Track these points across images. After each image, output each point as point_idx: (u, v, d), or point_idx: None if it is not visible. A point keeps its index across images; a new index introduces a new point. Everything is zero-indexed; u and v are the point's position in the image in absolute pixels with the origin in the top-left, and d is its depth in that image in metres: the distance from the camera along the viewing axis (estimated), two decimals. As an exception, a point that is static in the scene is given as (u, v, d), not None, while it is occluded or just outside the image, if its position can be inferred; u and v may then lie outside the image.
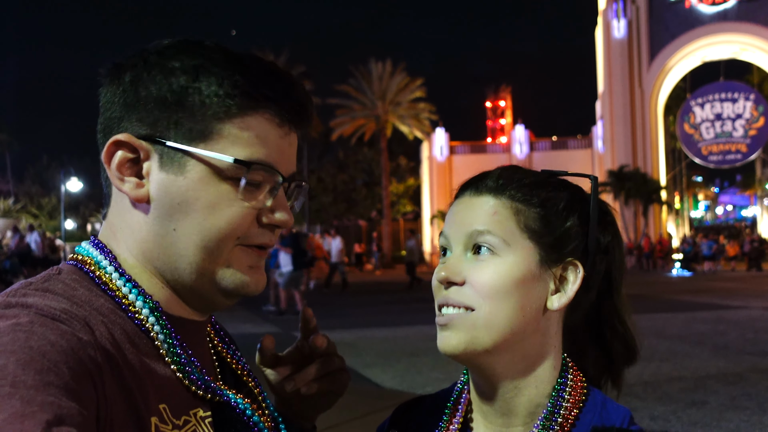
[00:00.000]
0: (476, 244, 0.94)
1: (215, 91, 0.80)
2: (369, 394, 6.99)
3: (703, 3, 38.60)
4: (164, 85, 0.80)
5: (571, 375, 0.99)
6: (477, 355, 0.93)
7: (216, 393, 0.85)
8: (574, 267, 0.96)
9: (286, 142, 0.86)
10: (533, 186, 0.97)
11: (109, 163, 0.82)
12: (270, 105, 0.83)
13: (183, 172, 0.81)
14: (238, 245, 0.84)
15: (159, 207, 0.82)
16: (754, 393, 6.69)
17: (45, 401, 0.60)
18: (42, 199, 50.06)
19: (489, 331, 0.92)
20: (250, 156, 0.81)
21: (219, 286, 0.84)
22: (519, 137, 41.85)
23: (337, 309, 15.16)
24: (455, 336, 0.93)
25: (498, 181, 0.97)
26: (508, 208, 0.95)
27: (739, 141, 40.01)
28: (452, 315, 0.94)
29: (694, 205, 73.17)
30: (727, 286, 20.95)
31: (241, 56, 0.84)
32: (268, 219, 0.85)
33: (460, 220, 0.97)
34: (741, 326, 11.50)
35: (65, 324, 0.70)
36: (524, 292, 0.93)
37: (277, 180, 0.85)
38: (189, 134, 0.81)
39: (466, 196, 0.99)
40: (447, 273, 0.94)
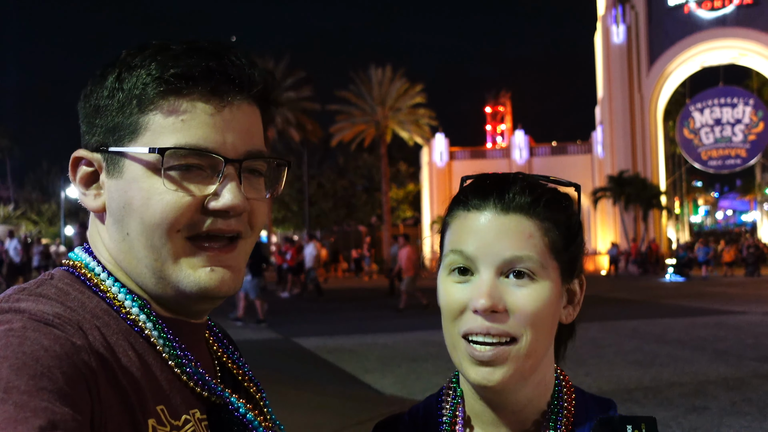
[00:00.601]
0: (513, 269, 0.90)
1: (134, 83, 0.79)
2: (369, 399, 6.98)
3: (701, 8, 38.67)
4: (98, 93, 0.82)
5: (562, 376, 1.01)
6: (516, 382, 0.91)
7: (214, 392, 0.84)
8: (579, 280, 0.98)
9: (223, 117, 0.80)
10: (557, 201, 0.96)
11: (74, 179, 0.85)
12: (188, 85, 0.79)
13: (122, 175, 0.81)
14: (187, 240, 0.80)
15: (112, 214, 0.83)
16: (755, 398, 6.68)
17: (38, 406, 0.60)
18: (42, 205, 50.04)
19: (530, 359, 0.90)
20: (174, 142, 0.78)
21: (178, 289, 0.82)
22: (519, 142, 41.86)
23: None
24: (500, 371, 0.89)
25: (524, 198, 0.92)
26: (540, 230, 0.92)
27: (739, 146, 40.02)
28: (495, 352, 0.89)
29: (694, 210, 73.12)
30: (726, 291, 20.92)
31: (166, 46, 0.82)
32: (213, 206, 0.80)
33: (491, 243, 0.90)
34: (741, 331, 11.48)
35: (58, 329, 0.70)
36: (555, 312, 0.93)
37: (218, 161, 0.80)
38: (123, 134, 0.80)
39: (488, 211, 0.92)
40: (491, 301, 0.88)
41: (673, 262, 28.84)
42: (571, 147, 42.07)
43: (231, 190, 0.80)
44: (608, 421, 0.90)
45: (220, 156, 0.80)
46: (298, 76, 41.22)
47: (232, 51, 0.82)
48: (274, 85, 0.87)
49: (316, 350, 10.17)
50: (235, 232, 0.83)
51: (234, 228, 0.82)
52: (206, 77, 0.79)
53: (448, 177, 41.56)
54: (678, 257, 29.44)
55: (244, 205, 0.82)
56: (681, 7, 38.99)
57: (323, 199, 47.32)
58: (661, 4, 39.27)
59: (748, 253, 29.18)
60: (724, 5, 38.32)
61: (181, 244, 0.80)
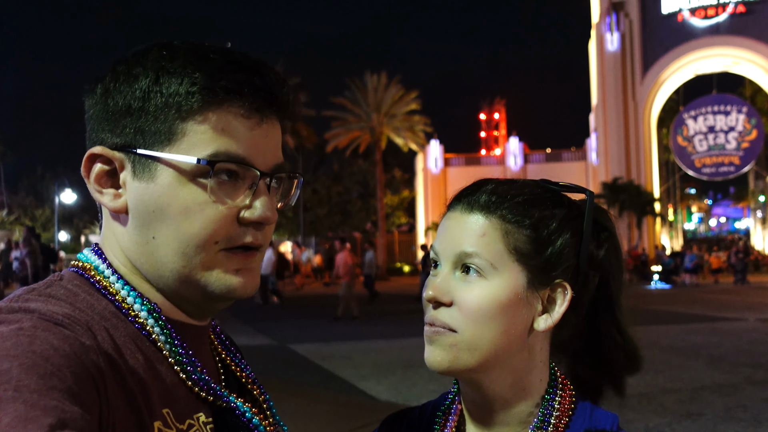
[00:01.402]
0: (464, 264, 0.94)
1: (175, 90, 0.79)
2: (364, 406, 6.96)
3: (695, 17, 38.92)
4: (129, 93, 0.80)
5: (560, 386, 1.00)
6: (461, 372, 0.95)
7: (219, 396, 0.84)
8: (562, 289, 0.95)
9: (260, 133, 0.82)
10: (527, 204, 0.95)
11: (88, 176, 0.83)
12: (232, 97, 0.80)
13: (154, 179, 0.80)
14: (221, 250, 0.82)
15: (136, 216, 0.82)
16: (750, 405, 6.69)
17: (48, 405, 0.60)
18: (36, 210, 49.88)
19: (472, 353, 0.92)
20: (216, 153, 0.79)
21: (205, 291, 0.83)
22: (513, 149, 41.98)
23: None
24: (439, 353, 0.94)
25: (491, 198, 0.95)
26: (497, 230, 0.93)
27: (732, 153, 40.23)
28: (437, 331, 0.94)
29: (687, 217, 73.42)
30: (719, 297, 20.99)
31: (205, 51, 0.82)
32: (248, 217, 0.82)
33: (450, 238, 0.96)
34: (735, 338, 11.51)
35: (68, 329, 0.70)
36: (509, 315, 0.93)
37: (254, 175, 0.82)
38: (156, 139, 0.80)
39: (457, 210, 0.97)
40: (435, 293, 0.94)
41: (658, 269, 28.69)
42: (565, 154, 42.20)
43: (265, 202, 0.83)
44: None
45: (257, 169, 0.82)
46: (293, 81, 41.09)
47: (267, 67, 0.84)
48: (296, 102, 0.89)
49: (310, 356, 10.15)
50: (263, 242, 0.85)
51: (260, 240, 0.85)
52: (253, 94, 0.81)
53: (443, 183, 41.64)
54: (663, 264, 29.20)
55: (275, 216, 0.85)
56: (675, 15, 39.24)
57: (318, 205, 47.33)
58: (655, 12, 39.51)
59: (737, 259, 28.40)
60: (717, 14, 38.59)
61: (215, 254, 0.81)
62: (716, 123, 40.40)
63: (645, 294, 23.53)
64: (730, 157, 40.30)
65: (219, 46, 0.84)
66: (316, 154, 48.77)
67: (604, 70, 39.55)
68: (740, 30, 38.15)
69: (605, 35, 39.50)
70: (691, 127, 40.94)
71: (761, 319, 14.51)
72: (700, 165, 40.98)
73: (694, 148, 40.89)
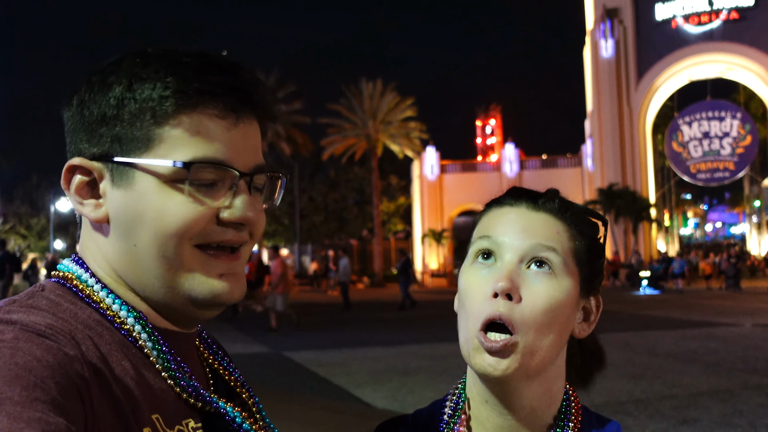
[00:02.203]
0: (538, 258, 0.92)
1: (149, 95, 0.79)
2: (360, 414, 6.94)
3: (689, 23, 39.12)
4: (103, 102, 0.81)
5: (571, 392, 1.02)
6: (519, 379, 0.91)
7: (208, 402, 0.84)
8: (596, 300, 1.00)
9: (237, 133, 0.82)
10: (585, 214, 0.99)
11: (68, 188, 0.83)
12: (206, 99, 0.80)
13: (132, 186, 0.80)
14: (198, 249, 0.81)
15: (117, 225, 0.82)
16: (746, 410, 6.69)
17: (32, 417, 0.60)
18: (31, 219, 49.75)
19: (535, 358, 0.90)
20: (193, 156, 0.79)
21: (190, 298, 0.82)
22: (509, 156, 42.04)
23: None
24: (506, 361, 0.89)
25: (555, 204, 0.97)
26: (567, 231, 0.95)
27: (727, 159, 40.36)
28: (507, 341, 0.89)
29: (683, 223, 73.55)
30: (714, 303, 21.01)
31: (178, 56, 0.82)
32: (227, 217, 0.82)
33: (521, 229, 0.93)
34: (732, 343, 11.52)
35: (51, 339, 0.70)
36: (567, 318, 0.94)
37: (233, 175, 0.82)
38: (132, 146, 0.80)
39: (522, 207, 0.96)
40: (509, 284, 0.89)
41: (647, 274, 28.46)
42: (561, 160, 42.28)
43: (245, 202, 0.82)
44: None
45: (236, 170, 0.81)
46: (288, 89, 41.30)
47: (243, 67, 0.84)
48: (273, 102, 0.90)
49: (306, 364, 10.12)
50: (244, 242, 0.85)
51: (242, 238, 0.84)
52: (226, 94, 0.81)
53: (439, 190, 41.66)
54: (652, 270, 28.85)
55: (256, 216, 0.84)
56: (669, 21, 39.43)
57: (314, 212, 47.29)
58: (649, 19, 39.70)
59: (729, 264, 27.54)
60: (711, 20, 38.79)
61: (191, 253, 0.81)
62: (711, 129, 40.55)
63: (638, 300, 23.55)
64: (725, 162, 40.44)
65: (194, 50, 0.84)
66: (312, 162, 48.77)
67: (599, 77, 39.69)
68: (734, 36, 38.35)
69: (600, 42, 39.66)
70: (685, 133, 41.08)
71: (757, 324, 14.53)
72: (696, 171, 41.11)
73: (689, 154, 41.02)
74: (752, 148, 40.07)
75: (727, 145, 40.22)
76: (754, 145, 40.08)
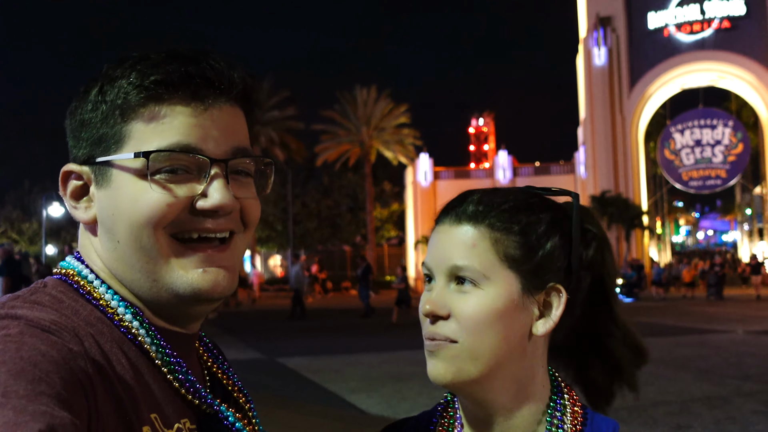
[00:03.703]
0: (458, 276, 0.94)
1: (115, 94, 0.81)
2: (354, 420, 6.92)
3: (681, 32, 39.37)
4: (84, 107, 0.83)
5: (564, 391, 1.01)
6: (465, 385, 0.94)
7: (205, 401, 0.84)
8: (557, 292, 0.96)
9: (204, 119, 0.81)
10: (514, 210, 0.96)
11: (65, 193, 0.86)
12: (168, 90, 0.80)
13: (110, 184, 0.82)
14: (175, 239, 0.81)
15: (103, 224, 0.84)
16: (738, 417, 6.71)
17: (37, 411, 0.60)
18: (23, 224, 49.48)
19: (474, 363, 0.92)
20: (157, 146, 0.79)
21: (173, 291, 0.82)
22: (502, 163, 42.13)
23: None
24: (442, 366, 0.94)
25: (477, 207, 0.96)
26: (486, 239, 0.94)
27: (719, 167, 40.56)
28: (438, 344, 0.94)
29: (675, 230, 73.80)
30: (706, 310, 21.07)
31: (147, 53, 0.83)
32: (202, 205, 0.81)
33: (441, 252, 0.96)
34: (724, 350, 11.56)
35: (55, 335, 0.70)
36: (507, 322, 0.93)
37: (203, 162, 0.81)
38: (107, 145, 0.82)
39: (446, 223, 0.97)
40: (432, 307, 0.94)
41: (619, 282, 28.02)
42: (554, 167, 42.40)
43: (218, 189, 0.81)
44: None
45: (206, 156, 0.81)
46: (282, 95, 41.30)
47: (210, 55, 0.84)
48: (255, 86, 0.88)
49: (300, 369, 10.09)
50: (225, 231, 0.84)
51: (224, 227, 0.83)
52: (185, 82, 0.81)
53: (433, 197, 41.70)
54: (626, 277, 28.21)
55: (232, 203, 0.82)
56: (661, 30, 39.67)
57: (307, 218, 47.21)
58: (641, 28, 39.94)
59: (712, 272, 26.46)
60: (702, 29, 39.05)
61: (168, 242, 0.81)
62: (703, 137, 40.76)
63: (633, 306, 23.59)
64: (716, 170, 40.63)
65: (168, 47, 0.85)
66: (305, 168, 48.72)
67: (592, 85, 39.87)
68: (725, 45, 38.62)
69: (593, 50, 39.85)
70: (678, 141, 41.28)
71: (749, 331, 14.58)
72: (687, 178, 41.28)
73: (681, 162, 41.20)
74: (744, 156, 40.28)
75: (718, 153, 40.43)
76: (746, 153, 40.30)
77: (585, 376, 1.05)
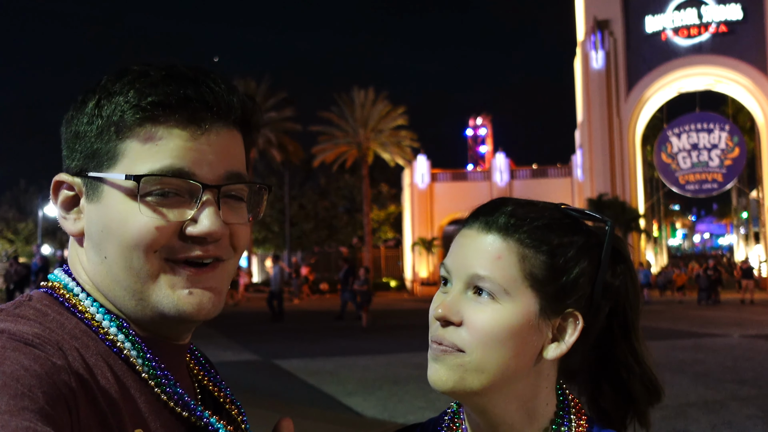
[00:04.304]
0: (476, 286, 0.92)
1: (112, 111, 0.80)
2: (351, 423, 6.90)
3: (678, 36, 39.47)
4: (80, 118, 0.82)
5: (572, 410, 0.99)
6: (466, 395, 0.93)
7: (194, 413, 0.83)
8: (574, 319, 0.94)
9: (200, 143, 0.80)
10: (546, 229, 0.93)
11: (56, 202, 0.85)
12: (165, 111, 0.79)
13: (101, 200, 0.81)
14: (167, 262, 0.80)
15: (90, 238, 0.83)
16: (735, 421, 6.71)
17: (20, 426, 0.60)
18: (18, 224, 49.35)
19: (478, 375, 0.90)
20: (149, 169, 0.78)
21: (157, 311, 0.81)
22: (499, 165, 42.16)
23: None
24: (444, 373, 0.92)
25: (510, 220, 0.93)
26: (513, 253, 0.91)
27: (715, 170, 40.65)
28: (444, 350, 0.92)
29: (672, 234, 73.93)
30: (703, 314, 21.09)
31: (147, 69, 0.82)
32: (191, 231, 0.80)
33: (463, 257, 0.94)
34: (720, 354, 11.57)
35: (38, 349, 0.70)
36: (520, 341, 0.91)
37: (195, 187, 0.80)
38: (100, 160, 0.81)
39: (474, 229, 0.95)
40: (445, 312, 0.92)
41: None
42: (551, 170, 42.44)
43: (208, 216, 0.80)
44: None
45: (197, 182, 0.79)
46: (279, 97, 41.30)
47: (211, 77, 0.82)
48: (255, 110, 0.87)
49: (296, 372, 10.07)
50: (212, 257, 0.82)
51: (212, 254, 0.82)
52: (183, 105, 0.79)
53: (430, 199, 41.69)
54: None
55: (222, 231, 0.81)
56: (658, 34, 39.76)
57: (304, 220, 47.18)
58: (638, 31, 40.03)
59: (704, 275, 25.68)
60: (700, 33, 39.15)
61: (160, 264, 0.80)
62: (699, 140, 40.85)
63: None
64: (713, 174, 40.71)
65: (168, 63, 0.83)
66: (302, 169, 48.70)
67: (589, 88, 39.93)
68: (723, 49, 38.71)
69: (590, 53, 39.92)
70: (674, 145, 41.36)
71: (746, 335, 14.60)
72: (684, 182, 41.36)
73: (677, 165, 41.28)
74: (740, 160, 40.38)
75: (715, 156, 40.52)
76: (742, 157, 40.39)
77: (597, 404, 1.03)
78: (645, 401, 1.02)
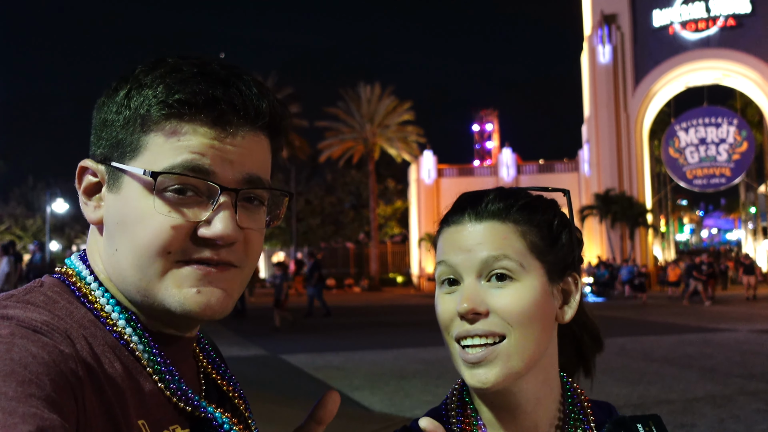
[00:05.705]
0: (492, 271, 0.94)
1: (140, 103, 0.80)
2: (358, 417, 6.93)
3: (686, 30, 39.24)
4: (109, 106, 0.82)
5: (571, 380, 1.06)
6: (512, 381, 0.94)
7: (196, 406, 0.83)
8: (573, 279, 1.01)
9: (224, 145, 0.79)
10: (529, 207, 0.99)
11: (80, 187, 0.85)
12: (191, 111, 0.78)
13: (120, 191, 0.81)
14: (178, 262, 0.79)
15: (107, 228, 0.83)
16: (742, 415, 6.70)
17: (27, 413, 0.60)
18: (27, 220, 49.63)
19: (521, 356, 0.93)
20: (169, 165, 0.78)
21: (163, 307, 0.80)
22: (506, 160, 42.09)
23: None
24: (492, 371, 0.92)
25: (498, 205, 0.98)
26: (515, 232, 0.96)
27: (723, 165, 40.45)
28: (484, 352, 0.92)
29: (679, 229, 73.66)
30: (710, 309, 21.03)
31: (180, 64, 0.81)
32: (204, 233, 0.79)
33: (468, 248, 0.95)
34: (727, 349, 11.54)
35: (46, 336, 0.70)
36: (544, 312, 0.95)
37: (213, 189, 0.79)
38: (124, 151, 0.81)
39: (465, 222, 0.97)
40: (471, 304, 0.92)
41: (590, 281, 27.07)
42: (558, 165, 42.35)
43: (223, 219, 0.79)
44: (621, 422, 0.99)
45: (216, 183, 0.79)
46: (285, 92, 41.32)
47: (243, 79, 0.81)
48: (284, 115, 0.86)
49: (303, 367, 10.11)
50: (224, 261, 0.81)
51: (224, 258, 0.81)
52: (210, 105, 0.79)
53: (436, 194, 41.68)
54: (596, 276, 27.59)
55: (235, 235, 0.80)
56: (666, 28, 39.54)
57: (311, 215, 47.26)
58: (646, 25, 39.82)
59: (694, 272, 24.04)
60: (708, 27, 38.92)
61: (168, 265, 0.79)
62: (707, 135, 40.65)
63: (634, 306, 23.55)
64: (721, 168, 40.52)
65: (203, 59, 0.83)
66: (309, 165, 48.77)
67: (596, 82, 39.78)
68: (730, 43, 38.47)
69: (597, 48, 39.75)
70: (682, 139, 41.17)
71: (753, 330, 14.55)
72: (692, 176, 41.19)
73: (685, 160, 41.10)
74: (748, 154, 40.17)
75: (723, 151, 40.32)
76: (750, 152, 40.18)
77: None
78: (592, 351, 1.10)
